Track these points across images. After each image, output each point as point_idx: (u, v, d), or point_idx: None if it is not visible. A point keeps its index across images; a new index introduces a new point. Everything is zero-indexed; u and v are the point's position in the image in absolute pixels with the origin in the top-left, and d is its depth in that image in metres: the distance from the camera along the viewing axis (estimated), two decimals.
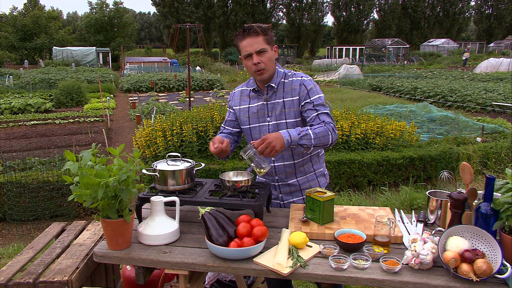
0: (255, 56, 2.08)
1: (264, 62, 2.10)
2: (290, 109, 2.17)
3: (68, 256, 2.18)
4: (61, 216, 4.76)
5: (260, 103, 2.23)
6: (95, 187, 1.60)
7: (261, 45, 2.08)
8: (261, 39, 2.08)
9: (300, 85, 2.16)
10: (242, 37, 2.10)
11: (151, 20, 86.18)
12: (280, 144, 1.92)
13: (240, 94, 2.33)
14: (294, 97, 2.16)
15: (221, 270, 1.71)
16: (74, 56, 29.32)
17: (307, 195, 2.00)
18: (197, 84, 17.46)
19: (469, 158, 5.80)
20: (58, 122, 10.47)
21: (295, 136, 1.96)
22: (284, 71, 2.23)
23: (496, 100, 11.65)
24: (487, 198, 1.64)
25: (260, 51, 2.08)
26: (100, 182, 1.59)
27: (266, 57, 2.10)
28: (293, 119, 2.17)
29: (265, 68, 2.11)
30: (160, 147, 5.44)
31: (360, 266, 1.62)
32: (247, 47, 2.09)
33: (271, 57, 2.14)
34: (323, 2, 45.79)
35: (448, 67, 28.27)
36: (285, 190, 2.34)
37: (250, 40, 2.08)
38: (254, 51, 2.08)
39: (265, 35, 2.10)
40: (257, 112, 2.24)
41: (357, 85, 17.79)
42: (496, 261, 1.51)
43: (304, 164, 2.29)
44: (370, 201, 4.94)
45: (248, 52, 2.09)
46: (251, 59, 2.10)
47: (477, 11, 52.28)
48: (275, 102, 2.19)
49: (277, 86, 2.18)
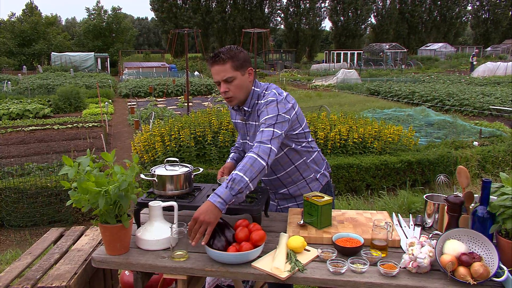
0: (222, 84, 2.02)
1: (232, 90, 2.02)
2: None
3: (67, 261, 2.18)
4: (60, 221, 4.75)
5: (241, 122, 2.24)
6: (96, 196, 1.61)
7: (228, 73, 1.99)
8: (228, 67, 1.98)
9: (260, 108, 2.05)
10: (211, 64, 2.02)
11: (149, 26, 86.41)
12: (213, 214, 1.69)
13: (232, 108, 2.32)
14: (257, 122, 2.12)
15: (220, 275, 1.71)
16: (72, 62, 29.37)
17: (305, 199, 2.01)
18: (196, 89, 17.50)
19: (467, 161, 5.82)
20: (57, 128, 10.47)
21: (224, 191, 1.73)
22: (260, 91, 2.11)
23: (493, 104, 11.70)
24: (483, 201, 1.65)
25: (226, 80, 2.00)
26: (101, 191, 1.60)
27: (234, 85, 2.02)
28: None
29: (232, 96, 2.04)
30: (158, 152, 5.45)
31: (358, 270, 1.63)
32: (215, 75, 2.02)
33: (241, 84, 2.03)
34: (321, 7, 46.04)
35: (446, 71, 28.38)
36: (279, 197, 2.35)
37: (218, 68, 1.99)
38: (221, 79, 2.01)
39: (233, 61, 1.98)
40: (241, 129, 2.28)
41: (355, 89, 17.85)
42: (493, 264, 1.52)
43: (291, 175, 2.24)
44: (368, 205, 4.94)
45: (216, 80, 2.03)
46: (219, 86, 2.05)
47: (474, 16, 52.57)
48: (251, 124, 2.17)
49: (252, 108, 2.12)
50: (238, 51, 2.03)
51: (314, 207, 1.95)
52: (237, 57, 2.00)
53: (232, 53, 1.99)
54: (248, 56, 2.10)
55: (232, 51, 2.01)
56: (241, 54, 2.03)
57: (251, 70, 2.08)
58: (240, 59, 2.01)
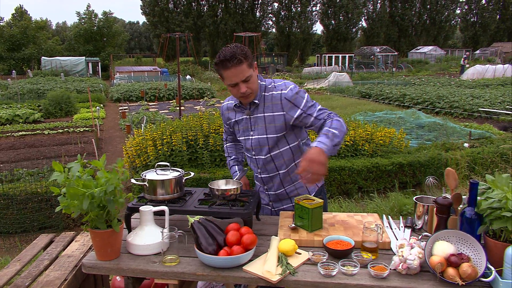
0: (241, 85, 2.02)
1: (251, 88, 2.06)
2: (270, 124, 2.15)
3: (56, 267, 2.16)
4: (50, 227, 4.71)
5: (244, 117, 2.23)
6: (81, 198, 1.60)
7: (246, 73, 2.00)
8: (245, 66, 2.00)
9: (281, 99, 2.10)
10: (225, 67, 1.99)
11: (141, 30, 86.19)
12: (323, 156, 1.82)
13: (227, 108, 2.34)
14: (275, 113, 2.12)
15: (211, 279, 1.71)
16: (63, 66, 29.17)
17: (296, 202, 2.02)
18: (188, 93, 17.46)
19: (457, 163, 5.88)
20: (47, 133, 10.38)
21: (327, 141, 1.89)
22: (265, 84, 2.17)
23: (482, 106, 11.84)
24: (471, 203, 1.67)
25: (245, 79, 2.02)
26: (85, 192, 1.59)
27: (251, 82, 2.05)
28: (274, 134, 2.16)
29: (252, 92, 2.09)
30: (150, 157, 5.42)
31: (349, 272, 1.64)
32: (232, 78, 2.01)
33: (256, 79, 2.10)
34: (312, 11, 46.22)
35: (436, 74, 28.68)
36: (274, 198, 2.35)
37: (235, 70, 1.98)
38: (240, 80, 2.01)
39: (247, 59, 2.01)
40: (243, 126, 2.26)
41: (347, 92, 17.96)
42: (481, 264, 1.54)
43: (290, 174, 2.27)
44: (360, 208, 4.97)
45: (234, 82, 2.02)
46: (237, 87, 2.04)
47: (462, 19, 53.19)
48: (257, 116, 2.18)
49: (259, 101, 2.16)
50: (245, 49, 2.04)
51: (305, 210, 1.96)
52: (248, 55, 2.03)
53: (243, 52, 1.99)
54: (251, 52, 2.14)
55: (242, 50, 2.00)
56: (248, 52, 2.05)
57: (256, 65, 2.13)
58: (250, 56, 2.04)
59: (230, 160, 2.53)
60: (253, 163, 2.32)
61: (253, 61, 2.07)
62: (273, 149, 2.20)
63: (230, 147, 2.56)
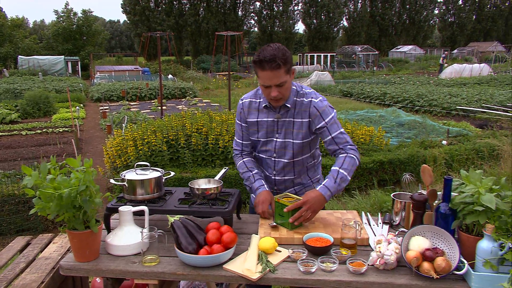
0: (274, 88, 1.99)
1: (282, 93, 2.03)
2: (299, 131, 2.14)
3: (33, 270, 2.12)
4: (28, 230, 4.61)
5: (270, 119, 2.17)
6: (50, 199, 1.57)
7: (282, 79, 1.97)
8: (282, 72, 1.96)
9: (310, 106, 2.10)
10: (261, 67, 1.95)
11: (121, 28, 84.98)
12: (321, 204, 1.96)
13: (249, 106, 2.24)
14: (304, 119, 2.13)
15: (191, 278, 1.71)
16: (41, 65, 28.50)
17: (276, 200, 2.03)
18: (170, 92, 17.32)
19: (435, 160, 6.01)
20: (25, 133, 10.14)
21: (334, 186, 2.00)
22: (297, 89, 2.15)
23: (460, 104, 12.12)
24: (445, 198, 1.72)
25: (280, 84, 1.99)
26: (54, 194, 1.57)
27: (285, 88, 2.02)
28: (300, 140, 2.15)
29: (282, 98, 2.06)
30: (131, 157, 5.37)
31: (328, 269, 1.66)
32: (266, 80, 1.98)
33: (289, 86, 2.07)
34: (294, 10, 46.48)
35: (416, 72, 29.19)
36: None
37: (271, 74, 1.94)
38: (273, 84, 1.98)
39: (286, 65, 1.96)
40: (266, 127, 2.19)
41: (329, 91, 18.11)
42: (455, 258, 1.58)
43: (301, 175, 2.30)
44: (341, 205, 5.02)
45: (268, 84, 1.99)
46: (269, 88, 2.01)
47: (440, 19, 54.35)
48: (286, 120, 2.15)
49: (291, 105, 2.13)
50: (288, 54, 1.99)
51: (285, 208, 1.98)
52: (288, 60, 1.98)
53: (285, 57, 1.95)
54: (292, 56, 2.09)
55: (284, 54, 1.95)
56: (290, 57, 2.00)
57: (294, 70, 2.09)
58: (289, 62, 1.99)
59: (253, 173, 2.24)
60: (269, 164, 2.27)
61: (292, 67, 2.03)
62: (298, 155, 2.20)
63: (249, 162, 2.30)
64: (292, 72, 2.05)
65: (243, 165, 2.30)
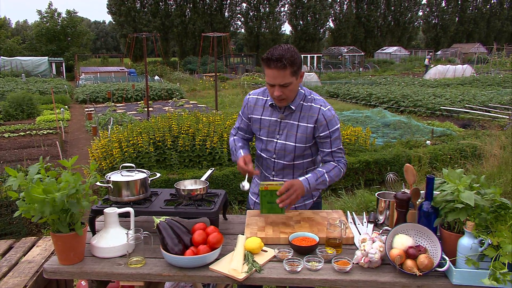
0: (277, 88, 2.01)
1: (285, 94, 2.03)
2: (302, 134, 2.14)
3: (16, 274, 2.09)
4: (11, 234, 4.52)
5: (273, 119, 2.18)
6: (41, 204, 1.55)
7: (286, 80, 1.98)
8: (288, 73, 1.96)
9: (318, 113, 2.11)
10: (268, 65, 1.97)
11: (107, 29, 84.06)
12: (302, 192, 2.03)
13: (255, 102, 2.26)
14: (309, 124, 2.13)
15: (177, 279, 1.70)
16: (24, 67, 27.99)
17: (263, 189, 2.04)
18: (156, 93, 17.21)
19: (420, 160, 6.10)
20: (8, 136, 9.96)
21: (314, 183, 2.08)
22: (305, 93, 2.16)
23: (444, 104, 12.32)
24: (428, 197, 1.75)
25: (283, 85, 2.00)
26: (45, 198, 1.55)
27: (289, 89, 2.02)
28: (303, 144, 2.15)
29: (285, 98, 2.06)
30: (116, 159, 5.32)
31: (313, 268, 1.68)
32: (271, 78, 1.99)
33: (295, 88, 2.07)
34: (280, 11, 46.62)
35: (401, 73, 29.56)
36: None
37: (276, 73, 1.96)
38: (277, 83, 1.99)
39: (293, 67, 1.97)
40: (268, 126, 2.20)
41: (315, 92, 18.18)
42: (437, 255, 1.62)
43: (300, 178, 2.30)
44: (328, 205, 5.06)
45: (272, 83, 2.01)
46: (273, 87, 2.03)
47: (425, 21, 55.18)
48: (289, 122, 2.16)
49: (296, 108, 2.14)
50: (296, 56, 1.99)
51: (274, 194, 1.99)
52: (296, 62, 1.97)
53: (292, 59, 1.95)
54: (301, 59, 2.08)
55: (292, 56, 1.95)
56: (298, 59, 2.00)
57: (302, 74, 2.09)
58: (297, 64, 1.99)
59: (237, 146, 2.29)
60: (269, 165, 2.27)
61: (299, 69, 2.04)
62: (298, 158, 2.20)
63: (238, 140, 2.35)
64: (300, 75, 2.06)
65: (232, 142, 2.36)
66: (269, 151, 2.24)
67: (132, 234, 1.75)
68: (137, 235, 1.75)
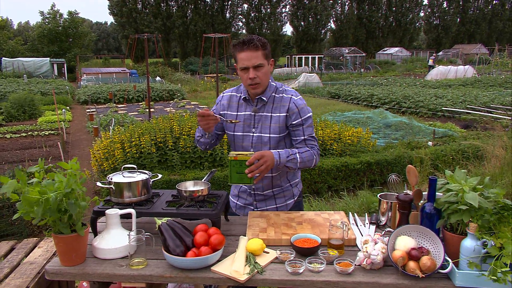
0: (251, 71, 2.06)
1: (260, 77, 2.09)
2: (276, 125, 2.18)
3: (18, 275, 2.08)
4: (13, 235, 4.53)
5: (248, 113, 2.23)
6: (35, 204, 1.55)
7: (259, 60, 2.06)
8: (260, 54, 2.06)
9: (290, 102, 2.16)
10: (240, 49, 2.06)
11: (108, 30, 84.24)
12: (272, 163, 2.02)
13: (229, 99, 2.29)
14: (282, 114, 2.17)
15: (179, 281, 1.70)
16: (26, 68, 28.07)
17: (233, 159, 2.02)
18: (158, 94, 17.24)
19: (422, 161, 6.08)
20: (9, 137, 9.98)
21: (284, 158, 2.07)
22: (276, 85, 2.22)
23: (445, 105, 12.30)
24: (430, 198, 1.74)
25: (257, 66, 2.06)
26: (39, 199, 1.55)
27: (262, 72, 2.09)
28: (277, 134, 2.19)
29: (260, 83, 2.11)
30: (118, 160, 5.32)
31: (315, 270, 1.67)
32: (244, 61, 2.06)
33: (267, 72, 2.14)
34: (282, 12, 46.67)
35: (402, 74, 29.55)
36: (259, 198, 2.35)
37: (249, 54, 2.04)
38: (251, 65, 2.06)
39: (264, 49, 2.08)
40: (243, 121, 2.23)
41: (317, 93, 18.22)
42: (439, 257, 1.61)
43: (281, 177, 2.32)
44: (330, 207, 5.05)
45: (245, 65, 2.07)
46: (247, 72, 2.08)
47: (426, 22, 55.15)
48: (262, 115, 2.20)
49: (268, 100, 2.18)
50: (266, 42, 2.12)
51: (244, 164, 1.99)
52: (267, 46, 2.10)
53: (263, 41, 2.08)
54: (270, 48, 2.17)
55: (262, 40, 2.09)
56: (268, 45, 2.12)
57: (273, 62, 2.19)
58: (268, 48, 2.11)
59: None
60: None
61: (269, 56, 2.14)
62: (274, 149, 2.20)
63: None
64: (271, 62, 2.15)
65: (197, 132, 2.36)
66: (245, 147, 2.25)
67: (134, 236, 1.75)
68: (139, 237, 1.74)
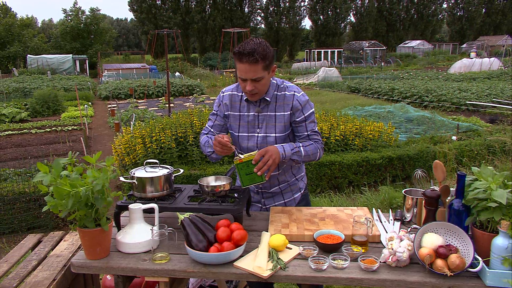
0: (249, 82, 2.00)
1: (258, 88, 2.03)
2: (280, 123, 2.15)
3: (45, 268, 2.13)
4: (39, 227, 4.65)
5: (251, 114, 2.18)
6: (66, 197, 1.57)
7: (258, 74, 1.97)
8: (259, 68, 1.95)
9: (293, 100, 2.13)
10: (239, 59, 1.95)
11: (128, 27, 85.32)
12: (278, 157, 1.99)
13: (230, 99, 2.23)
14: (286, 112, 2.14)
15: (202, 276, 1.70)
16: (49, 64, 28.74)
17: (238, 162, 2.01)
18: (177, 90, 17.36)
19: (445, 156, 5.94)
20: (34, 132, 10.24)
21: (289, 151, 2.05)
22: (277, 83, 2.17)
23: (470, 99, 11.97)
24: (458, 194, 1.69)
25: (256, 79, 1.99)
26: (70, 192, 1.57)
27: (261, 84, 2.02)
28: (282, 133, 2.16)
29: (257, 93, 2.06)
30: (139, 154, 5.38)
31: (339, 266, 1.64)
32: (243, 72, 1.98)
33: (267, 82, 2.07)
34: (300, 6, 46.21)
35: (424, 68, 28.92)
36: (267, 195, 2.34)
37: (248, 67, 1.94)
38: (249, 78, 1.98)
39: (264, 61, 1.96)
40: (247, 122, 2.20)
41: (336, 87, 18.02)
42: (469, 255, 1.56)
43: (286, 172, 2.30)
44: (350, 202, 5.00)
45: (244, 77, 2.00)
46: (245, 82, 2.02)
47: (449, 13, 53.68)
48: (266, 115, 2.16)
49: (271, 99, 2.14)
50: (268, 50, 1.99)
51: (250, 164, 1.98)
52: (268, 57, 1.97)
53: (264, 53, 1.95)
54: (273, 54, 2.06)
55: (264, 50, 1.95)
56: (270, 53, 2.00)
57: (275, 68, 2.10)
58: (269, 58, 1.99)
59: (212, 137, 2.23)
60: None
61: (271, 64, 2.03)
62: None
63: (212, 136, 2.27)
64: (272, 69, 2.06)
65: (205, 138, 2.27)
66: (250, 148, 2.20)
67: (157, 230, 1.76)
68: (162, 231, 1.75)
